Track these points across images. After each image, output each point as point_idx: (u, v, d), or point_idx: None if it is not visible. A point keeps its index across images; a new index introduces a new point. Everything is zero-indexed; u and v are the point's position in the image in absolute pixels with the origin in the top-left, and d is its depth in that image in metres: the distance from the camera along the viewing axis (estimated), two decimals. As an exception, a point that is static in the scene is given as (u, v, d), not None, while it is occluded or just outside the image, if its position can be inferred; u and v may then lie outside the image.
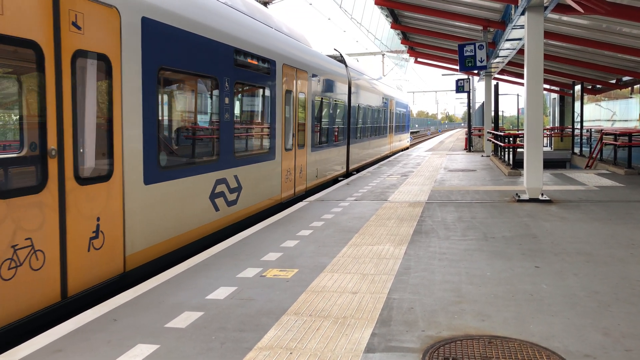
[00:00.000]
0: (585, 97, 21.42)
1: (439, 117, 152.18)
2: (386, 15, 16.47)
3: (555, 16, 11.67)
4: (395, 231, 7.25)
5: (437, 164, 18.49)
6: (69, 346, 3.64)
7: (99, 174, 5.21)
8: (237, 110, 8.56)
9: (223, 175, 7.82)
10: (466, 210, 8.89)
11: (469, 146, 27.04)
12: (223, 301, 4.51)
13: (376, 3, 14.44)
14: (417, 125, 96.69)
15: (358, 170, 18.13)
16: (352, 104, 16.77)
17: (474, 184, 12.54)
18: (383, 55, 43.21)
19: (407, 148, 32.64)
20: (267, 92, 9.68)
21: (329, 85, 13.85)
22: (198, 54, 7.07)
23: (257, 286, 4.90)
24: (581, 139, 21.50)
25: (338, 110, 15.10)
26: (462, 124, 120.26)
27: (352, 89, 16.71)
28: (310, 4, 25.72)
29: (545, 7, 9.49)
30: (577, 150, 22.11)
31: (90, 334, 3.84)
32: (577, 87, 21.68)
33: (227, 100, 7.95)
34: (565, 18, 11.96)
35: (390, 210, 8.96)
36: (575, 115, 22.21)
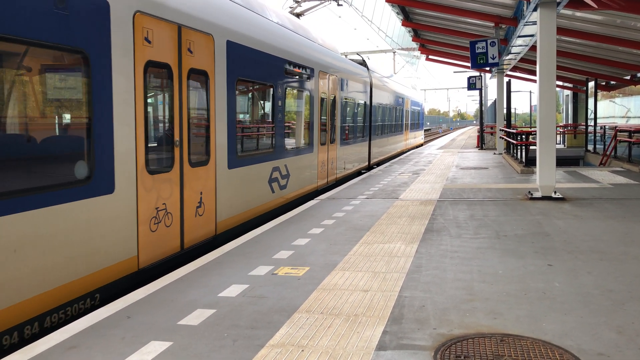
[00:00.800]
0: (599, 93, 21.19)
1: (451, 114, 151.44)
2: (397, 13, 16.42)
3: (568, 12, 11.57)
4: (407, 229, 7.24)
5: (449, 161, 18.41)
6: (84, 342, 3.69)
7: (201, 160, 6.86)
8: (285, 111, 10.20)
9: (277, 164, 9.65)
10: (478, 208, 8.85)
11: (481, 144, 26.88)
12: (235, 299, 4.54)
13: (387, 1, 14.39)
14: (428, 123, 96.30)
15: (378, 164, 19.57)
16: (373, 104, 18.16)
17: (486, 181, 12.47)
18: (394, 52, 43.04)
19: (422, 145, 34.25)
20: (308, 95, 11.42)
21: (354, 87, 15.41)
22: (261, 66, 8.88)
23: (268, 284, 4.93)
24: (595, 136, 21.28)
25: (361, 109, 16.63)
26: (474, 122, 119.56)
27: (373, 90, 18.13)
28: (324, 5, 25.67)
29: (558, 3, 9.40)
30: (590, 147, 21.89)
31: (104, 331, 3.89)
32: (591, 84, 21.46)
33: (279, 103, 9.72)
34: (578, 14, 11.84)
35: (402, 208, 8.94)
36: (589, 112, 21.99)
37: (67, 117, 5.08)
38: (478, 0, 13.34)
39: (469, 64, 19.32)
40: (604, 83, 20.57)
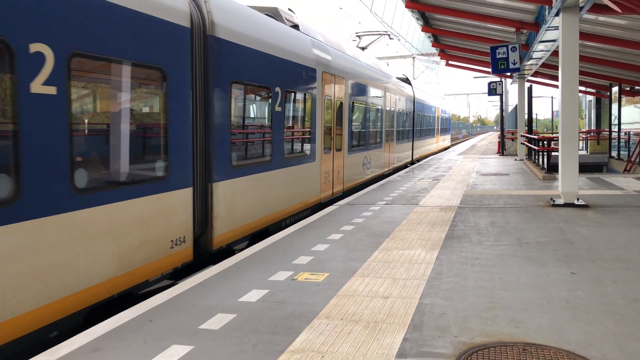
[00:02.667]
0: (623, 98, 20.84)
1: (471, 120, 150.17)
2: (417, 18, 16.38)
3: (591, 16, 11.42)
4: (427, 236, 7.20)
5: (469, 167, 18.26)
6: (107, 345, 3.74)
7: (339, 148, 12.12)
8: (383, 118, 16.80)
9: (367, 154, 14.88)
10: (499, 215, 8.76)
11: (502, 150, 26.61)
12: (255, 304, 4.56)
13: (407, 6, 14.38)
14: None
15: (418, 160, 24.72)
16: (415, 113, 23.51)
17: (507, 188, 12.34)
18: (413, 58, 42.92)
19: (449, 147, 39.06)
20: (383, 108, 16.84)
21: (404, 101, 20.83)
22: (363, 91, 14.28)
23: (288, 289, 4.94)
24: (619, 141, 20.92)
25: (408, 118, 21.96)
26: (495, 127, 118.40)
27: (416, 102, 23.46)
28: (341, 8, 25.81)
29: (581, 8, 9.29)
30: (614, 153, 21.53)
31: (127, 334, 3.94)
32: (615, 89, 21.13)
33: (379, 115, 16.29)
34: (601, 18, 11.68)
35: (422, 214, 8.89)
36: (613, 117, 21.64)
37: (301, 125, 10.17)
38: (499, 6, 13.25)
39: (489, 69, 19.17)
40: (628, 88, 20.22)
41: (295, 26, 10.23)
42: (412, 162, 22.89)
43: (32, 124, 4.12)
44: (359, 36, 20.75)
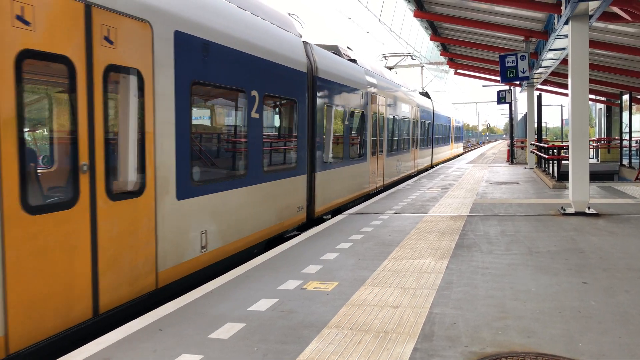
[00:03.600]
0: (634, 106, 20.70)
1: (480, 128, 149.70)
2: (425, 28, 16.41)
3: (600, 25, 11.39)
4: (437, 245, 7.17)
5: (479, 176, 18.18)
6: (117, 354, 3.75)
7: (381, 151, 15.07)
8: (401, 128, 18.48)
9: (399, 156, 17.88)
10: (509, 223, 8.71)
11: (512, 158, 26.49)
12: (265, 313, 4.55)
13: (415, 15, 14.41)
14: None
15: (437, 164, 28.12)
16: (434, 123, 27.01)
17: (517, 197, 12.27)
18: (422, 67, 42.93)
19: (462, 154, 42.92)
20: (410, 120, 19.92)
21: (427, 113, 24.44)
22: (399, 105, 17.47)
23: (297, 298, 4.93)
24: (630, 150, 20.76)
25: (429, 127, 25.36)
26: (504, 136, 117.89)
27: (434, 114, 27.09)
28: (349, 18, 25.94)
29: (591, 16, 9.27)
30: (625, 162, 21.35)
31: (136, 343, 3.94)
32: (625, 97, 20.99)
33: (407, 126, 19.43)
34: (611, 26, 11.65)
35: (431, 223, 8.86)
36: (623, 125, 21.49)
37: (361, 134, 13.23)
38: (508, 15, 13.24)
39: (498, 78, 19.13)
40: (639, 96, 20.09)
41: (354, 60, 13.37)
42: (432, 166, 26.50)
43: (251, 133, 7.44)
44: (385, 57, 24.86)
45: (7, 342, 3.81)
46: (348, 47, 13.85)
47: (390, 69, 22.68)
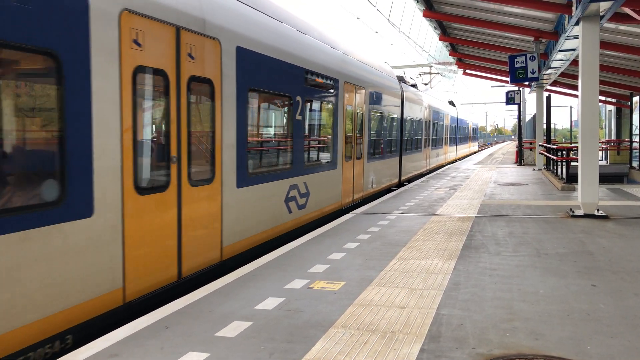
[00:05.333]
0: (644, 108, 20.53)
1: (488, 129, 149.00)
2: (434, 28, 16.36)
3: (611, 25, 11.31)
4: (444, 246, 7.14)
5: (487, 177, 18.11)
6: (124, 351, 3.76)
7: (427, 147, 22.23)
8: (441, 130, 25.89)
9: (437, 152, 24.75)
10: (517, 225, 8.66)
11: (520, 159, 26.36)
12: (271, 312, 4.55)
13: (424, 15, 14.37)
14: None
15: (459, 159, 34.71)
16: (458, 126, 34.52)
17: (525, 198, 12.21)
18: (430, 67, 42.78)
19: (478, 151, 50.84)
20: (444, 124, 26.79)
21: (454, 119, 31.58)
22: (441, 115, 25.81)
23: (304, 298, 4.93)
24: (640, 152, 20.59)
25: (454, 129, 32.53)
26: (512, 137, 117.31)
27: (458, 119, 34.36)
28: (358, 18, 25.87)
29: (601, 17, 9.20)
30: (635, 164, 21.18)
31: (144, 340, 3.96)
32: (635, 99, 20.84)
33: (443, 128, 27.24)
34: (622, 27, 11.56)
35: (439, 224, 8.83)
36: (633, 127, 21.33)
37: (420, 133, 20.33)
38: (517, 15, 13.17)
39: (507, 79, 19.05)
40: (649, 98, 19.93)
41: (414, 85, 19.81)
42: (456, 160, 33.48)
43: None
44: (420, 74, 35.75)
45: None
46: (411, 78, 21.36)
47: (425, 84, 31.21)
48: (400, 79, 17.23)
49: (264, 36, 7.44)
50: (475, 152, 47.80)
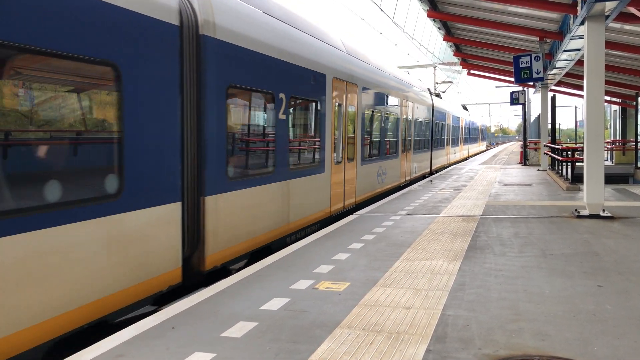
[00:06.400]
0: (650, 108, 20.43)
1: (492, 129, 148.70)
2: (438, 28, 16.34)
3: (616, 25, 11.27)
4: (449, 246, 7.13)
5: (491, 177, 18.07)
6: (131, 351, 3.77)
7: (449, 144, 28.54)
8: (460, 133, 34.24)
9: (454, 150, 31.35)
10: (523, 225, 8.64)
11: (525, 160, 26.30)
12: (277, 312, 4.56)
13: (429, 16, 14.36)
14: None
15: (471, 156, 40.55)
16: (470, 127, 40.08)
17: (530, 198, 12.18)
18: (435, 67, 42.75)
19: (485, 150, 57.50)
20: (460, 126, 33.57)
21: (467, 122, 36.98)
22: (459, 120, 33.47)
23: (309, 298, 4.93)
24: (645, 152, 20.49)
25: (467, 130, 37.45)
26: (517, 137, 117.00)
27: (470, 122, 40.06)
28: (362, 19, 25.88)
29: (607, 16, 9.17)
30: (641, 164, 21.08)
31: (150, 340, 3.97)
32: (641, 99, 20.73)
33: (460, 130, 34.21)
34: (627, 27, 11.52)
35: (443, 224, 8.82)
36: (639, 127, 21.24)
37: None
38: (522, 15, 13.14)
39: (512, 79, 18.99)
40: (655, 98, 19.83)
41: (438, 95, 24.48)
42: (468, 157, 38.38)
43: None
44: (438, 83, 39.98)
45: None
46: (436, 90, 27.49)
47: (443, 91, 36.78)
48: (430, 92, 23.11)
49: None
50: (484, 151, 55.88)
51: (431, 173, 22.10)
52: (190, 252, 5.83)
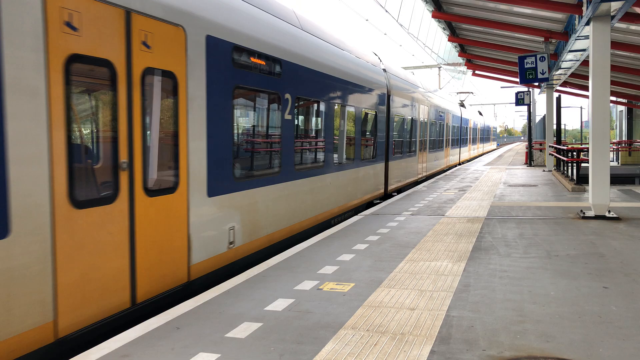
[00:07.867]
0: (656, 109, 20.35)
1: (497, 130, 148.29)
2: (443, 28, 16.32)
3: (622, 25, 11.22)
4: (454, 247, 7.12)
5: (496, 178, 18.02)
6: (135, 352, 3.79)
7: (465, 145, 34.29)
8: (477, 133, 42.83)
9: (470, 148, 38.10)
10: (528, 226, 8.62)
11: (530, 160, 26.22)
12: (281, 313, 4.56)
13: (433, 16, 14.34)
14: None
15: (484, 153, 46.53)
16: (483, 129, 46.53)
17: (535, 199, 12.14)
18: (439, 68, 42.69)
19: (495, 149, 63.57)
20: (477, 128, 41.91)
21: (481, 125, 45.15)
22: (476, 122, 41.95)
23: (314, 299, 4.94)
24: (651, 153, 20.40)
25: (481, 131, 44.86)
26: (522, 137, 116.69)
27: (484, 124, 48.35)
28: (367, 20, 25.87)
29: (612, 17, 9.13)
30: (647, 165, 20.98)
31: (154, 341, 3.98)
32: (647, 99, 20.65)
33: (477, 131, 42.63)
34: (633, 27, 11.47)
35: (448, 225, 8.80)
36: (645, 128, 21.16)
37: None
38: (527, 15, 13.11)
39: (517, 79, 18.96)
40: (661, 98, 19.75)
41: (463, 105, 31.68)
42: (483, 154, 45.80)
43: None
44: (457, 93, 41.87)
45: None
46: (461, 100, 33.32)
47: (462, 101, 39.02)
48: (461, 104, 30.09)
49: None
50: (494, 150, 63.29)
51: (460, 163, 30.97)
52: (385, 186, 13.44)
